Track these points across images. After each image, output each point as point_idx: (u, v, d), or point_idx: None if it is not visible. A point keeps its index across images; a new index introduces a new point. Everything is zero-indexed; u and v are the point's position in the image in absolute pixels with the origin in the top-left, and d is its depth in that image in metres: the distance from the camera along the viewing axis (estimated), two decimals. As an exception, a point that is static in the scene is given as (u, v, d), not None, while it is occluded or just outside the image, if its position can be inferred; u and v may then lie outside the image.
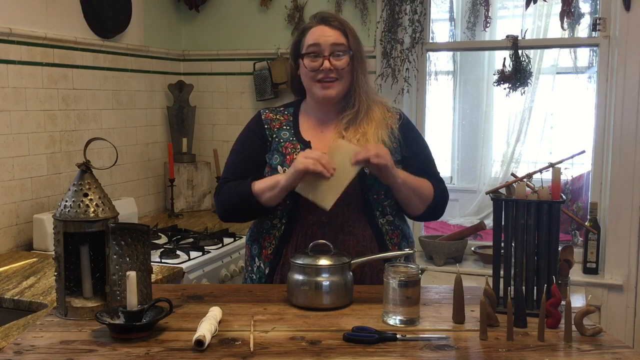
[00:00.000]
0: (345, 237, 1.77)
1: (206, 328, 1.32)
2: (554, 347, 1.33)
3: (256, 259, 1.87)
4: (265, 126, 1.88)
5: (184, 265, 2.43)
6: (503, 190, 1.57)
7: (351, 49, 1.80)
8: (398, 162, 1.83)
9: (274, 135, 1.86)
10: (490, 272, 1.54)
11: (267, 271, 1.84)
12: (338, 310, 1.53)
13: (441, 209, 1.90)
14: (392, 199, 1.82)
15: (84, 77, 2.95)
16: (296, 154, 1.78)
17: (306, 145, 1.82)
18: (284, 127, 1.87)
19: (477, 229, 3.46)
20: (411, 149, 1.87)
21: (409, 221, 1.95)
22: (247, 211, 1.81)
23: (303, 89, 1.90)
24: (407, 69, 3.22)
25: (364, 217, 1.79)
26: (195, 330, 1.31)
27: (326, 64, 1.77)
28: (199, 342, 1.28)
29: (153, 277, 1.89)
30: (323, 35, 1.79)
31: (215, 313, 1.43)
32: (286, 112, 1.92)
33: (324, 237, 1.69)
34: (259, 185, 1.75)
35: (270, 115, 1.90)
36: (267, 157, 1.84)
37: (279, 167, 1.80)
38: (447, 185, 1.94)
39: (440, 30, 5.05)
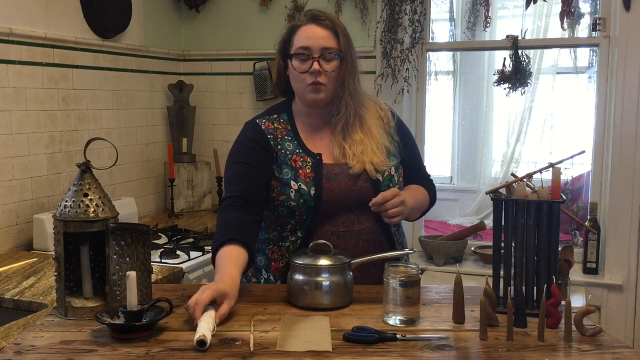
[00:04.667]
0: (365, 245, 1.75)
1: (205, 328, 1.32)
2: (554, 347, 1.33)
3: (263, 271, 1.82)
4: (269, 136, 1.77)
5: (184, 265, 2.43)
6: (503, 190, 1.57)
7: (341, 51, 1.73)
8: (399, 165, 1.83)
9: (279, 146, 1.76)
10: (490, 272, 1.54)
11: (278, 284, 1.79)
12: (338, 310, 1.53)
13: (432, 206, 1.96)
14: None
15: (84, 77, 2.95)
16: (309, 169, 1.73)
17: (315, 158, 1.75)
18: (286, 137, 1.79)
19: (477, 229, 3.46)
20: (406, 148, 1.88)
21: None
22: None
23: (289, 89, 1.83)
24: (407, 69, 3.22)
25: (377, 222, 1.77)
26: (195, 331, 1.31)
27: (315, 65, 1.70)
28: (201, 342, 1.27)
29: (153, 277, 1.89)
30: (314, 36, 1.72)
31: (210, 312, 1.41)
32: (282, 120, 1.82)
33: (344, 246, 1.68)
34: (219, 258, 1.57)
35: (270, 124, 1.80)
36: (276, 170, 1.74)
37: (292, 182, 1.72)
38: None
39: (440, 30, 5.04)
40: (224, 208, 1.70)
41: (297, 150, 1.76)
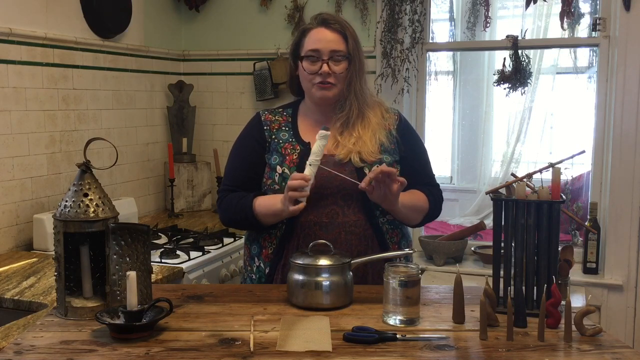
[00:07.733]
0: (347, 237, 1.77)
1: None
2: (554, 347, 1.33)
3: (256, 259, 1.87)
4: (265, 127, 1.89)
5: (184, 265, 2.43)
6: (503, 190, 1.57)
7: (350, 54, 1.81)
8: (396, 163, 1.84)
9: (273, 136, 1.87)
10: (490, 272, 1.54)
11: (267, 271, 1.84)
12: (338, 310, 1.53)
13: (437, 214, 1.95)
14: None
15: (84, 77, 2.95)
16: (296, 155, 1.81)
17: (305, 146, 1.82)
18: (283, 128, 1.89)
19: (477, 229, 3.46)
20: (409, 150, 1.89)
21: None
22: (247, 226, 1.86)
23: (302, 89, 1.91)
24: (407, 69, 3.22)
25: (365, 216, 1.80)
26: (195, 330, 1.31)
27: (324, 67, 1.78)
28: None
29: (153, 277, 1.89)
30: (323, 39, 1.80)
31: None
32: (285, 113, 1.93)
33: (326, 237, 1.70)
34: (259, 204, 1.77)
35: (270, 116, 1.92)
36: (267, 157, 1.86)
37: (278, 167, 1.81)
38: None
39: (440, 30, 5.04)
40: (222, 193, 1.89)
41: (290, 140, 1.86)
